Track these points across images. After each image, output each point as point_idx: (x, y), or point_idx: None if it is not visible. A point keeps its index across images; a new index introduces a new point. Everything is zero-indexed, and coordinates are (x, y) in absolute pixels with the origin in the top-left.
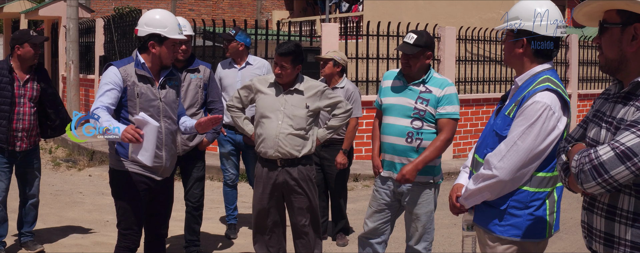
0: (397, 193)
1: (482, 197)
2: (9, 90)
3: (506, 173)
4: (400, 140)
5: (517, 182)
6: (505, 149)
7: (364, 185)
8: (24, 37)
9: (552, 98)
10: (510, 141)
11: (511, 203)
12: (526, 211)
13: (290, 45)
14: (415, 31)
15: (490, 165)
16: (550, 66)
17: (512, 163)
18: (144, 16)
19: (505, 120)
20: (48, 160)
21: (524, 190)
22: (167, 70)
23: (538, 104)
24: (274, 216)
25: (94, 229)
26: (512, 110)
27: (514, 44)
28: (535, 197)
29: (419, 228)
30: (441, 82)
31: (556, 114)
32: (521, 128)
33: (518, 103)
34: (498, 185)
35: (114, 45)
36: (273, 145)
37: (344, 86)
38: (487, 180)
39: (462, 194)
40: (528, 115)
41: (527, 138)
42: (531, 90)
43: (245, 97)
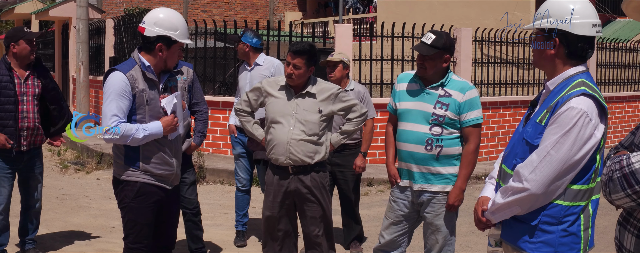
0: (416, 204)
1: (511, 211)
2: (11, 88)
3: (538, 186)
4: (419, 147)
5: (550, 195)
6: (538, 160)
7: (378, 190)
8: (18, 34)
9: (588, 103)
10: (542, 151)
11: (543, 219)
12: (559, 227)
13: (305, 44)
14: (434, 31)
15: (520, 178)
16: (584, 68)
17: (545, 175)
18: (151, 14)
19: (537, 128)
20: (56, 162)
21: (558, 204)
22: (168, 72)
23: (573, 110)
24: (284, 225)
25: (100, 236)
26: (544, 116)
27: (545, 44)
28: (569, 211)
29: (439, 240)
30: (462, 85)
31: (593, 120)
32: (555, 137)
33: (551, 109)
34: (529, 199)
35: (124, 46)
36: (284, 151)
37: (354, 88)
38: (518, 193)
39: (488, 208)
40: (562, 122)
41: (562, 148)
42: (565, 95)
43: (254, 101)
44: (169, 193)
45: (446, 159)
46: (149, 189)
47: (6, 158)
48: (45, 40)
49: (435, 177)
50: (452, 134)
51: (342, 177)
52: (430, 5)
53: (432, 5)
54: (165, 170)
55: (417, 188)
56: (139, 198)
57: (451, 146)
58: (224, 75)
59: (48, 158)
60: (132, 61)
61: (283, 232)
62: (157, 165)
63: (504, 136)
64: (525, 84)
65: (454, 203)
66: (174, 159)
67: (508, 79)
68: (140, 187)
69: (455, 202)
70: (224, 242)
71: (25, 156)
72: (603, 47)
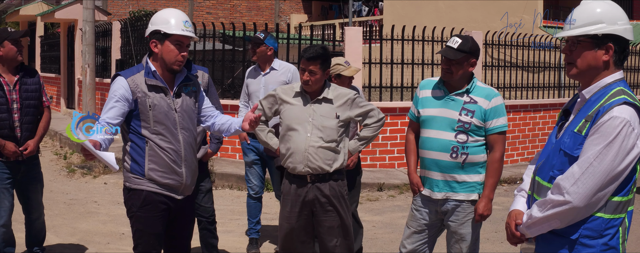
0: (440, 212)
1: (549, 225)
2: (2, 96)
3: (581, 199)
4: (444, 155)
5: (592, 208)
6: (580, 171)
7: (389, 195)
8: (2, 35)
9: (631, 112)
10: (585, 162)
11: (584, 232)
12: (600, 240)
13: (317, 48)
14: (459, 35)
15: (561, 190)
16: (622, 76)
17: (588, 187)
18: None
19: (576, 138)
20: (62, 166)
21: (598, 217)
22: (183, 75)
23: (616, 120)
24: (302, 236)
25: (109, 242)
26: (584, 126)
27: (596, 52)
28: (610, 224)
29: (463, 249)
30: (487, 92)
31: (636, 130)
32: (598, 148)
33: (591, 118)
34: (571, 213)
35: (130, 49)
36: (302, 159)
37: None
38: (558, 206)
39: (523, 222)
40: (605, 132)
41: (605, 159)
42: (606, 103)
43: (268, 109)
44: (181, 202)
45: (471, 167)
46: (155, 198)
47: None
48: (50, 42)
49: (460, 185)
50: (477, 141)
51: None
52: (437, 7)
53: (439, 7)
54: (172, 179)
55: (441, 197)
56: (146, 207)
57: (476, 153)
58: (231, 78)
59: (54, 162)
60: (140, 66)
61: (300, 244)
62: (164, 174)
63: (514, 140)
64: (535, 87)
65: (484, 213)
66: (183, 169)
67: (518, 83)
68: (146, 196)
69: (485, 212)
70: (237, 249)
71: (22, 166)
72: None
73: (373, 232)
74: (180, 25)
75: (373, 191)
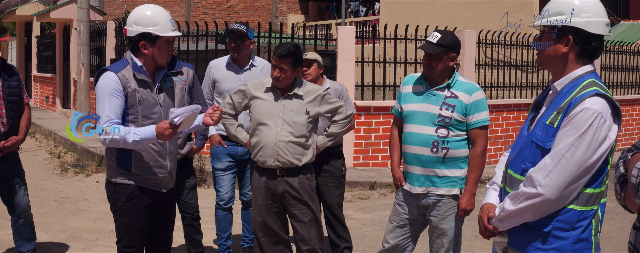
0: (421, 207)
1: (522, 218)
2: None
3: (554, 191)
4: (424, 150)
5: (564, 200)
6: (552, 163)
7: (380, 194)
8: None
9: (602, 104)
10: (557, 154)
11: (556, 225)
12: (573, 233)
13: (289, 46)
14: (440, 30)
15: (533, 182)
16: (593, 68)
17: (561, 179)
18: (132, 13)
19: (548, 130)
20: (56, 165)
21: (571, 209)
22: (163, 71)
23: (588, 111)
24: (276, 230)
25: (98, 239)
26: (556, 119)
27: (555, 43)
28: (582, 216)
29: (445, 243)
30: (468, 86)
31: (608, 121)
32: (570, 140)
33: (562, 110)
34: (543, 205)
35: (125, 49)
36: (272, 153)
37: (330, 87)
38: (531, 199)
39: (496, 215)
40: (577, 124)
41: (578, 151)
42: (578, 95)
43: (238, 103)
44: (164, 196)
45: (452, 161)
46: (140, 193)
47: None
48: (46, 42)
49: (441, 180)
50: (458, 136)
51: (323, 182)
52: (433, 7)
53: (435, 7)
54: (158, 172)
55: (423, 191)
56: (131, 201)
57: (457, 148)
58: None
59: (48, 161)
60: (125, 61)
61: (276, 238)
62: (150, 168)
63: (508, 139)
64: (529, 86)
65: (466, 208)
66: (167, 161)
67: (511, 82)
68: (132, 190)
69: (467, 207)
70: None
71: (2, 164)
72: (607, 50)
73: (362, 229)
74: (169, 25)
75: (365, 189)
